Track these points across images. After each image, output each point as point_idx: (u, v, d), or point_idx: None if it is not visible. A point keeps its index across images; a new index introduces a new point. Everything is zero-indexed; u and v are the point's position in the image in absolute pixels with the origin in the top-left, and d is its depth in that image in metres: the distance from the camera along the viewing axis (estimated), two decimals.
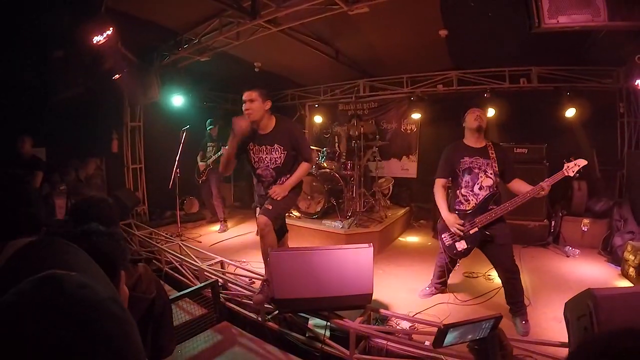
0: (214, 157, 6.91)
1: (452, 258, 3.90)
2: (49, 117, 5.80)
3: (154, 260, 5.25)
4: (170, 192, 6.49)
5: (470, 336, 1.75)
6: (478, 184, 3.64)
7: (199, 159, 7.21)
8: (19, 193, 1.33)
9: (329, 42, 6.24)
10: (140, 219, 7.28)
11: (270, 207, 3.66)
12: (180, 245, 5.40)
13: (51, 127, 5.87)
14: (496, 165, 3.62)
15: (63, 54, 4.85)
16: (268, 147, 3.66)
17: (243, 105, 3.57)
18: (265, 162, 3.70)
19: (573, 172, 3.29)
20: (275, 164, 3.69)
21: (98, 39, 4.43)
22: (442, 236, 3.84)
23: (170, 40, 6.04)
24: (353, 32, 5.61)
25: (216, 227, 7.25)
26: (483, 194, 3.63)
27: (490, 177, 3.62)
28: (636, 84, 5.04)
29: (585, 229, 5.71)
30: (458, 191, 3.75)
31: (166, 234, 6.28)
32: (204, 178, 7.14)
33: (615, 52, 4.68)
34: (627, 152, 6.10)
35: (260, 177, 3.81)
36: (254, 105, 3.54)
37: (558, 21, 3.13)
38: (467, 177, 3.68)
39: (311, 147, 4.36)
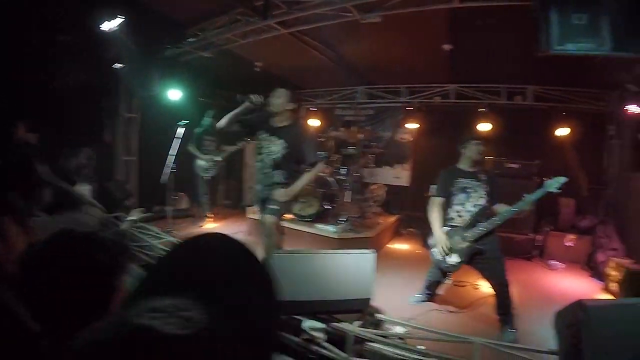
0: (225, 154, 7.05)
1: (442, 272, 4.08)
2: (42, 102, 5.69)
3: (143, 255, 5.16)
4: (160, 186, 6.40)
5: None
6: (471, 202, 3.88)
7: (193, 150, 6.97)
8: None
9: (333, 46, 6.29)
10: (129, 212, 7.18)
11: (277, 207, 3.77)
12: (172, 242, 5.34)
13: (44, 112, 5.75)
14: (487, 186, 3.90)
15: (68, 38, 4.80)
16: (274, 138, 3.81)
17: (270, 97, 3.81)
18: (268, 150, 3.84)
19: (553, 187, 3.47)
20: (275, 155, 3.80)
21: (108, 25, 4.40)
22: (433, 251, 4.00)
23: (176, 32, 6.00)
24: (358, 38, 5.68)
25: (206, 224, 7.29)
26: (475, 211, 3.84)
27: (483, 197, 3.87)
28: (626, 109, 5.26)
29: (570, 244, 5.89)
30: (451, 208, 3.97)
31: (156, 229, 6.19)
32: (214, 174, 7.17)
33: (610, 77, 4.86)
34: (614, 173, 6.34)
35: (261, 162, 3.93)
36: (278, 101, 3.77)
37: (566, 48, 3.30)
38: (461, 196, 3.92)
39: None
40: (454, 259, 3.84)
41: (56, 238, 1.07)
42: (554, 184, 3.47)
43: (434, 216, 3.98)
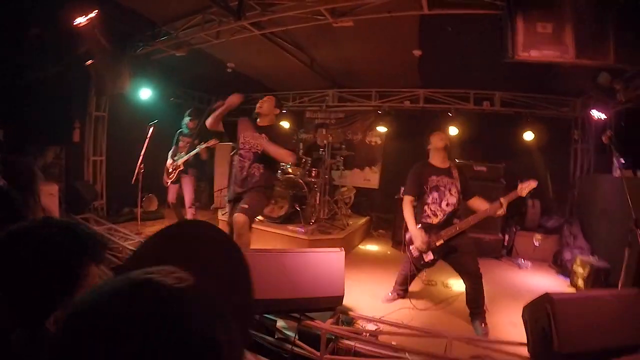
0: (185, 157, 6.07)
1: (418, 268, 4.13)
2: (9, 97, 5.48)
3: (113, 258, 5.03)
4: (129, 188, 6.25)
5: None
6: (445, 200, 3.94)
7: (170, 155, 6.32)
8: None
9: (306, 49, 6.33)
10: (97, 213, 6.99)
11: (247, 206, 3.82)
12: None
13: (11, 108, 5.54)
14: (459, 184, 3.99)
15: (39, 32, 4.65)
16: (256, 134, 4.04)
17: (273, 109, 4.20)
18: (249, 145, 4.05)
19: (525, 192, 3.64)
20: (255, 149, 4.01)
21: (80, 20, 4.29)
22: (410, 247, 4.05)
23: (148, 30, 5.91)
24: (330, 42, 5.74)
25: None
26: (448, 210, 3.92)
27: (454, 195, 3.95)
28: (590, 114, 5.52)
29: (537, 244, 6.10)
30: (426, 206, 4.01)
31: (125, 231, 6.05)
32: (173, 179, 6.20)
33: (574, 83, 5.08)
34: (579, 175, 6.65)
35: (240, 157, 4.09)
36: (266, 104, 4.12)
37: (530, 55, 3.48)
38: (434, 194, 3.97)
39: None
40: (429, 256, 3.91)
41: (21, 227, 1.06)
42: (525, 188, 3.62)
43: (408, 214, 4.01)
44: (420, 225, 3.95)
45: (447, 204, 3.92)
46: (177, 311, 0.47)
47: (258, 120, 4.16)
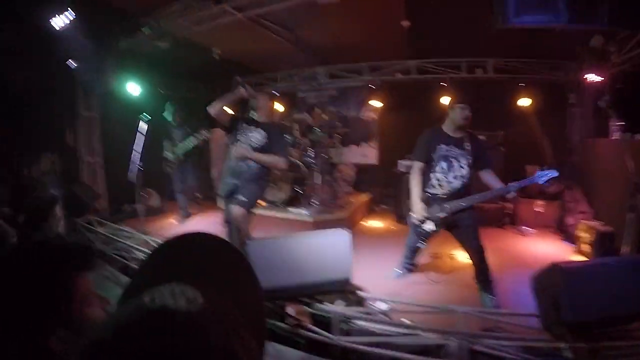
0: (184, 149, 6.69)
1: (419, 238, 4.11)
2: None
3: (120, 258, 5.02)
4: (128, 185, 6.19)
5: None
6: (453, 172, 3.84)
7: (165, 145, 6.91)
8: None
9: (291, 28, 6.16)
10: (99, 214, 6.95)
11: (244, 199, 3.91)
12: (147, 241, 5.22)
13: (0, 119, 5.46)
14: (470, 157, 3.83)
15: (14, 37, 4.53)
16: (253, 128, 4.12)
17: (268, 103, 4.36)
18: (245, 138, 4.08)
19: (544, 180, 3.56)
20: (252, 144, 4.06)
21: (58, 22, 4.18)
22: (410, 215, 4.03)
23: (128, 23, 5.75)
24: (315, 19, 5.58)
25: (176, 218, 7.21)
26: (456, 182, 3.83)
27: (463, 168, 3.83)
28: (585, 77, 5.45)
29: (540, 210, 6.10)
30: (432, 174, 3.92)
31: (129, 229, 6.00)
32: (175, 167, 6.89)
33: (568, 47, 4.99)
34: (578, 140, 6.59)
35: (238, 153, 4.10)
36: (261, 98, 4.28)
37: (522, 20, 3.39)
38: (442, 164, 3.86)
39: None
40: (429, 226, 3.89)
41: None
42: (543, 177, 3.54)
43: (414, 182, 3.95)
44: (425, 195, 3.91)
45: (455, 176, 3.83)
46: (196, 336, 0.46)
47: (253, 114, 4.22)
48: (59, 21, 4.25)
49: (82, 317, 0.98)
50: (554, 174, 3.57)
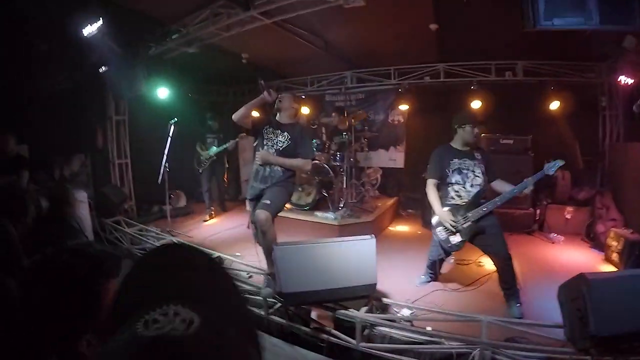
0: (217, 150, 7.08)
1: (446, 251, 4.09)
2: (31, 112, 5.61)
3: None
4: (157, 186, 6.35)
5: None
6: (469, 182, 3.88)
7: (198, 148, 7.31)
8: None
9: (319, 33, 6.21)
10: (127, 215, 7.14)
11: (269, 202, 3.87)
12: (173, 241, 5.35)
13: (34, 123, 5.66)
14: (483, 165, 3.91)
15: (47, 46, 4.72)
16: (279, 132, 4.11)
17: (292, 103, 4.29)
18: (271, 142, 4.10)
19: (552, 171, 3.59)
20: (278, 146, 4.05)
21: (88, 30, 4.33)
22: (437, 230, 4.01)
23: (157, 30, 5.91)
24: (343, 23, 5.62)
25: (201, 218, 7.34)
26: (474, 190, 3.85)
27: (479, 176, 3.88)
28: (619, 79, 5.28)
29: (569, 217, 5.94)
30: (450, 188, 3.95)
31: (156, 230, 6.19)
32: (205, 167, 7.23)
33: (599, 48, 4.86)
34: (609, 144, 6.36)
35: (261, 157, 4.12)
36: (285, 100, 4.26)
37: (553, 23, 3.32)
38: (457, 177, 3.91)
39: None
40: (457, 238, 3.87)
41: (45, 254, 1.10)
42: (552, 168, 3.56)
43: (433, 197, 3.98)
44: (445, 208, 3.91)
45: (472, 185, 3.87)
46: None
47: (278, 116, 4.22)
48: (91, 29, 4.39)
49: (109, 322, 1.03)
50: (559, 163, 3.59)
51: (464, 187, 3.87)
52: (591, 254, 5.29)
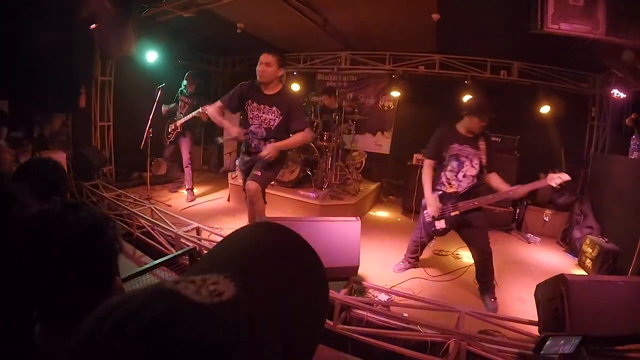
0: (183, 119, 6.18)
1: (429, 234, 4.12)
2: (12, 67, 5.33)
3: (123, 224, 5.00)
4: (138, 152, 6.19)
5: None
6: (462, 171, 3.80)
7: (164, 111, 6.42)
8: None
9: (319, 10, 6.08)
10: (106, 179, 6.95)
11: (259, 174, 3.76)
12: (152, 209, 5.24)
13: (15, 78, 5.38)
14: (484, 157, 3.77)
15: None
16: (266, 107, 3.78)
17: (258, 65, 3.68)
18: (260, 120, 3.82)
19: (556, 183, 3.38)
20: (268, 124, 3.81)
21: None
22: (425, 212, 4.00)
23: None
24: (345, 3, 5.54)
25: (183, 191, 6.94)
26: (466, 182, 3.80)
27: (475, 167, 3.79)
28: (612, 92, 5.37)
29: (547, 219, 6.08)
30: (443, 173, 3.90)
31: (135, 196, 6.02)
32: (172, 139, 6.47)
33: (596, 59, 4.89)
34: (594, 154, 6.49)
35: (251, 133, 3.89)
36: (269, 69, 3.66)
37: (560, 27, 3.33)
38: (453, 163, 3.82)
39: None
40: (441, 224, 3.87)
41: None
42: (556, 180, 3.36)
43: (426, 178, 3.92)
44: (435, 192, 3.89)
45: (464, 175, 3.79)
46: (200, 331, 0.40)
47: (263, 88, 3.80)
48: None
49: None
50: (566, 177, 3.37)
51: (456, 175, 3.81)
52: (565, 258, 5.43)
